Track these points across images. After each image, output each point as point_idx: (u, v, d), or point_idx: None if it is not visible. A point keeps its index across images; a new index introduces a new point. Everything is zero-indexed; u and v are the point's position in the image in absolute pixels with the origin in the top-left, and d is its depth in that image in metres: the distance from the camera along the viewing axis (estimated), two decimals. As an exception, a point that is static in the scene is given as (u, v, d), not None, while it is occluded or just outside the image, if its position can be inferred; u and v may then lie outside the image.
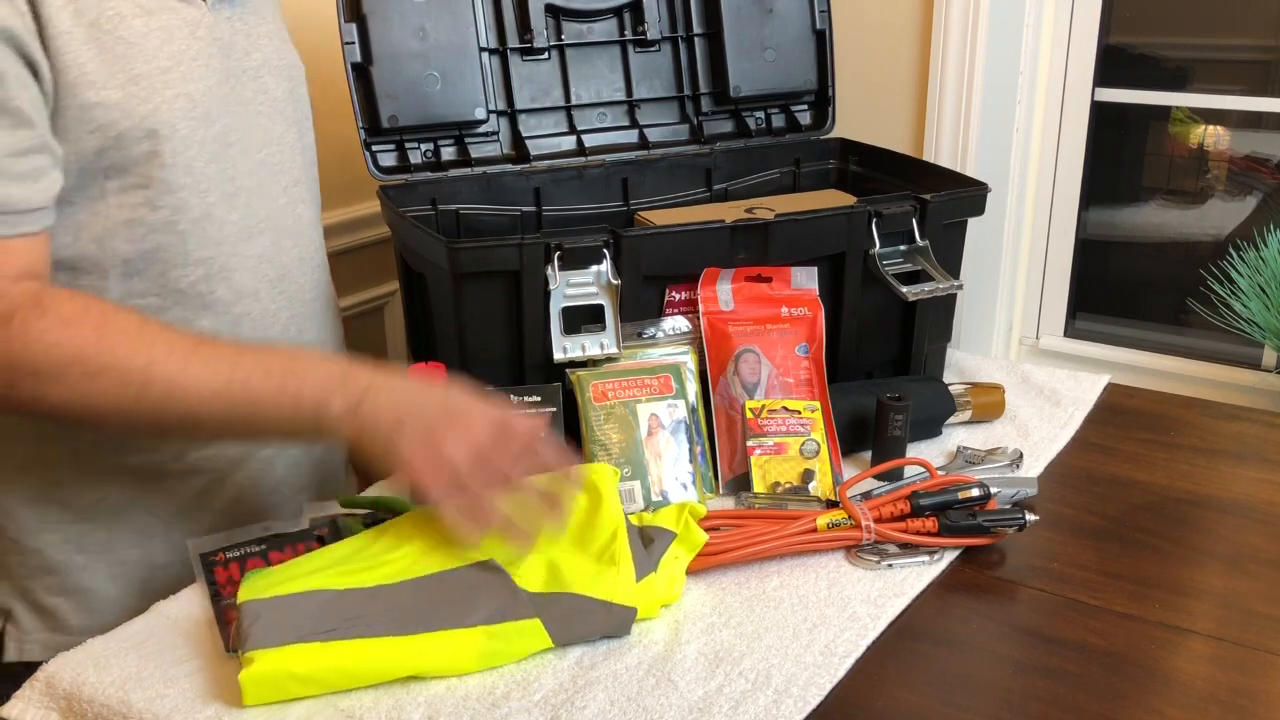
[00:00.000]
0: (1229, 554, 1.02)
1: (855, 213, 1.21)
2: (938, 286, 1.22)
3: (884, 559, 0.98)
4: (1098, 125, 1.63)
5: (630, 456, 1.08)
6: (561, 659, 0.87)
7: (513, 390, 1.12)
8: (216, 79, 1.00)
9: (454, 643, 0.83)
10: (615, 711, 0.80)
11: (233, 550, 0.98)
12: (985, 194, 1.30)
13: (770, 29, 1.49)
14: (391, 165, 1.35)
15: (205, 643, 0.89)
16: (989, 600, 0.95)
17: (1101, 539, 1.04)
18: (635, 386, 1.11)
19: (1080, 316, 1.74)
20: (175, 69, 0.96)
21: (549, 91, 1.43)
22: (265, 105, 1.07)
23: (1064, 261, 1.69)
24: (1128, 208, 1.70)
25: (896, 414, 1.14)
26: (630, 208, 1.45)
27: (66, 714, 0.84)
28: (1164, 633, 0.90)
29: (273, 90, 1.08)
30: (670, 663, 0.86)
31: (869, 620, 0.91)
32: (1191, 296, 1.63)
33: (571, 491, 0.91)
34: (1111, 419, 1.29)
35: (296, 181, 1.11)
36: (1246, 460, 1.20)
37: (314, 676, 0.81)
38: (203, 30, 0.99)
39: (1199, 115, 1.62)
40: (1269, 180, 1.59)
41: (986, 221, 1.40)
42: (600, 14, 1.44)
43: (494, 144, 1.40)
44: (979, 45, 1.56)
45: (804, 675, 0.84)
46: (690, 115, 1.50)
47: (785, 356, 1.17)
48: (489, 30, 1.38)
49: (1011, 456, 1.16)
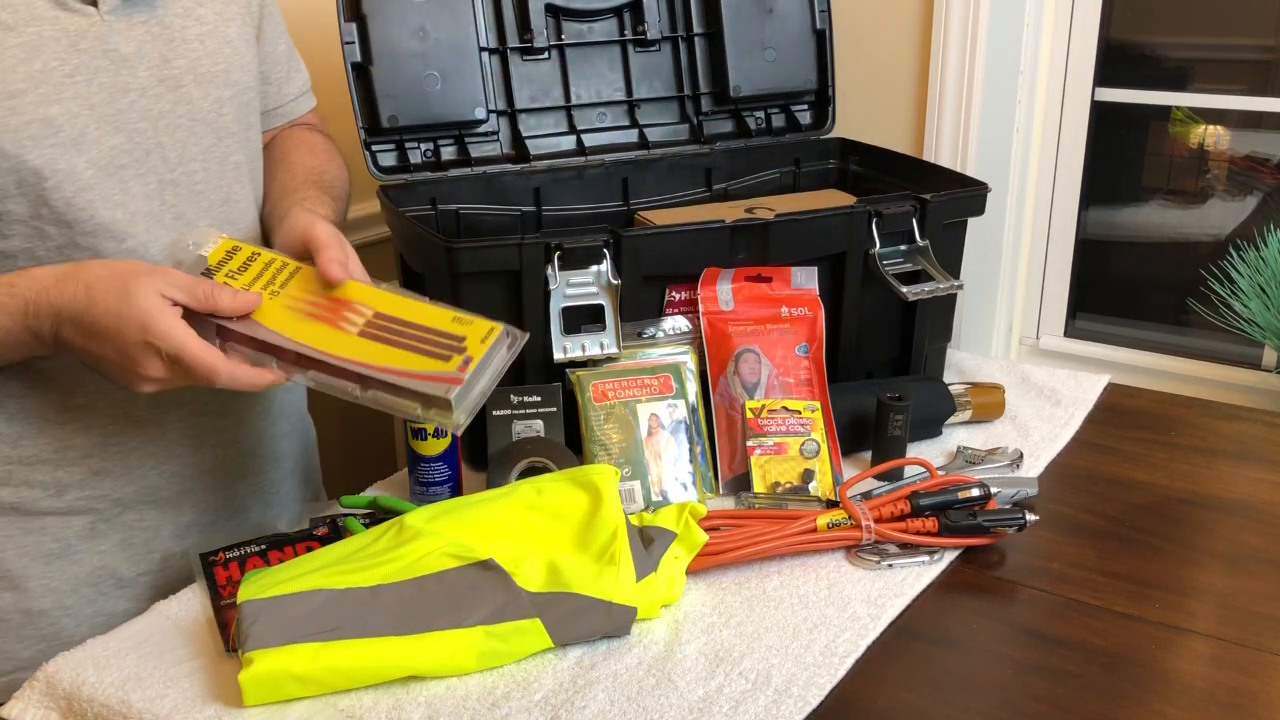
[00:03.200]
0: (1229, 554, 1.02)
1: (855, 213, 1.21)
2: (938, 286, 1.22)
3: (884, 559, 0.98)
4: (1098, 125, 1.63)
5: (630, 456, 1.08)
6: (561, 659, 0.86)
7: (513, 390, 1.12)
8: (101, 96, 0.91)
9: (454, 643, 0.83)
10: (615, 711, 0.80)
11: (233, 550, 0.98)
12: (985, 194, 1.30)
13: (770, 29, 1.49)
14: (391, 165, 1.34)
15: (205, 643, 0.89)
16: (989, 600, 0.95)
17: (1101, 539, 1.04)
18: (635, 386, 1.11)
19: (1080, 316, 1.73)
20: (32, 91, 0.87)
21: (549, 91, 1.43)
22: (185, 118, 0.98)
23: (1064, 261, 1.69)
24: (1128, 208, 1.70)
25: (896, 414, 1.14)
26: (630, 208, 1.45)
27: (66, 714, 0.84)
28: (1164, 633, 0.90)
29: (196, 100, 0.98)
30: (670, 663, 0.86)
31: (869, 620, 0.91)
32: (1191, 296, 1.63)
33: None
34: (1111, 419, 1.29)
35: (226, 200, 1.03)
36: (1246, 460, 1.20)
37: (314, 676, 0.81)
38: (88, 41, 0.90)
39: (1199, 115, 1.62)
40: (1269, 180, 1.58)
41: (986, 221, 1.40)
42: (600, 14, 1.44)
43: (494, 144, 1.40)
44: (979, 45, 1.56)
45: (804, 675, 0.84)
46: (690, 115, 1.50)
47: (785, 356, 1.17)
48: (489, 30, 1.38)
49: (1011, 456, 1.16)
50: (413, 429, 1.07)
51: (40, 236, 0.91)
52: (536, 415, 1.12)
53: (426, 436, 1.07)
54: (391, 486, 1.16)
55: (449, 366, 0.91)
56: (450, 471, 1.09)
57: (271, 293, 0.94)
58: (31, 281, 0.86)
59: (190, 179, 0.99)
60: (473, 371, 0.91)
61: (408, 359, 0.92)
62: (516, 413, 1.11)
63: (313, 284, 0.95)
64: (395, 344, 0.93)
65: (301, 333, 0.92)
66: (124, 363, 0.85)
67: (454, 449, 1.09)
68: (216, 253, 0.95)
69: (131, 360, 0.85)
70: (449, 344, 0.93)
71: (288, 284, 0.95)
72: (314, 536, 1.00)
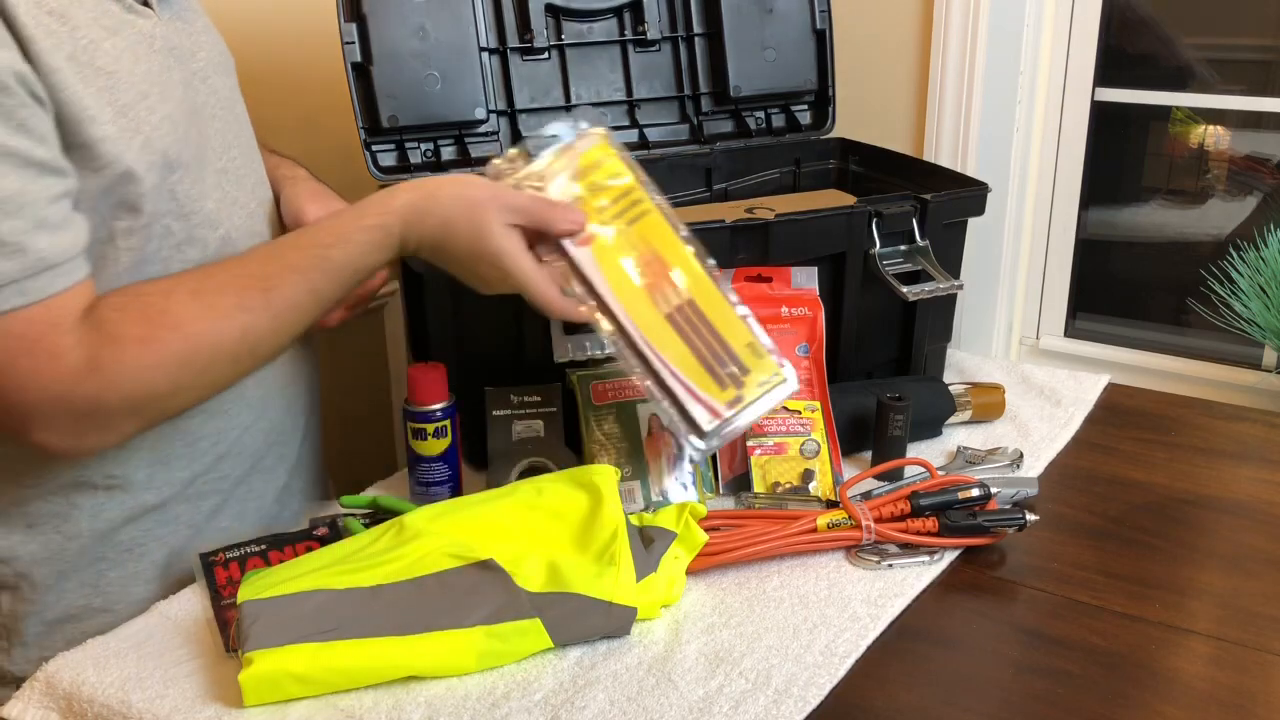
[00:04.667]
0: (1229, 554, 1.02)
1: (855, 213, 1.21)
2: (938, 286, 1.22)
3: (884, 559, 0.98)
4: (1098, 125, 1.63)
5: (630, 456, 1.08)
6: (561, 659, 0.86)
7: (513, 390, 1.12)
8: (181, 91, 0.94)
9: (454, 643, 0.83)
10: (615, 711, 0.80)
11: (233, 550, 0.98)
12: (985, 194, 1.30)
13: (770, 29, 1.49)
14: (391, 165, 1.34)
15: (205, 643, 0.89)
16: (989, 600, 0.95)
17: (1101, 539, 1.04)
18: (635, 387, 1.10)
19: (1080, 316, 1.74)
20: (153, 91, 0.90)
21: (549, 91, 1.43)
22: (218, 108, 1.01)
23: (1064, 261, 1.69)
24: (1128, 208, 1.70)
25: (896, 414, 1.14)
26: (630, 208, 1.45)
27: (66, 714, 0.84)
28: (1164, 633, 0.90)
29: (220, 90, 1.02)
30: (670, 663, 0.86)
31: (869, 620, 0.91)
32: (1191, 296, 1.63)
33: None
34: (1112, 419, 1.29)
35: (258, 182, 1.07)
36: (1246, 460, 1.20)
37: (314, 677, 0.81)
38: (159, 41, 0.93)
39: (1199, 115, 1.62)
40: (1269, 180, 1.58)
41: (986, 221, 1.40)
42: (600, 14, 1.44)
43: (494, 144, 1.40)
44: (979, 45, 1.56)
45: (804, 675, 0.84)
46: (690, 115, 1.50)
47: (785, 356, 1.17)
48: (489, 30, 1.38)
49: (1011, 456, 1.16)
50: (412, 429, 1.07)
51: (167, 235, 0.93)
52: (536, 415, 1.12)
53: (426, 436, 1.07)
54: (391, 486, 1.16)
55: (722, 396, 0.95)
56: (450, 471, 1.09)
57: (618, 227, 0.97)
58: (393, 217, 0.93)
59: (234, 165, 1.02)
60: (738, 411, 0.95)
61: (694, 369, 0.95)
62: (516, 413, 1.11)
63: (657, 232, 0.97)
64: (691, 346, 0.96)
65: (625, 293, 0.95)
66: (474, 280, 0.96)
67: (454, 449, 1.09)
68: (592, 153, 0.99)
69: (482, 280, 0.96)
70: (733, 372, 0.96)
71: (636, 222, 0.97)
72: (314, 536, 1.00)
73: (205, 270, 0.93)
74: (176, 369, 0.87)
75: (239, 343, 0.90)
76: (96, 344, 0.83)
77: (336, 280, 0.93)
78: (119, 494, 0.96)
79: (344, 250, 0.92)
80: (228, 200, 0.99)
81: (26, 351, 0.81)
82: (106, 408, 0.85)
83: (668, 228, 0.98)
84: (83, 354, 0.83)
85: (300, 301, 0.92)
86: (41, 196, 0.81)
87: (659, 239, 0.97)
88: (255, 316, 0.90)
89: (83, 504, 0.95)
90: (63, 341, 0.82)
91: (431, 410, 1.06)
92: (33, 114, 0.80)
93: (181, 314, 0.87)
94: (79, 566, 0.97)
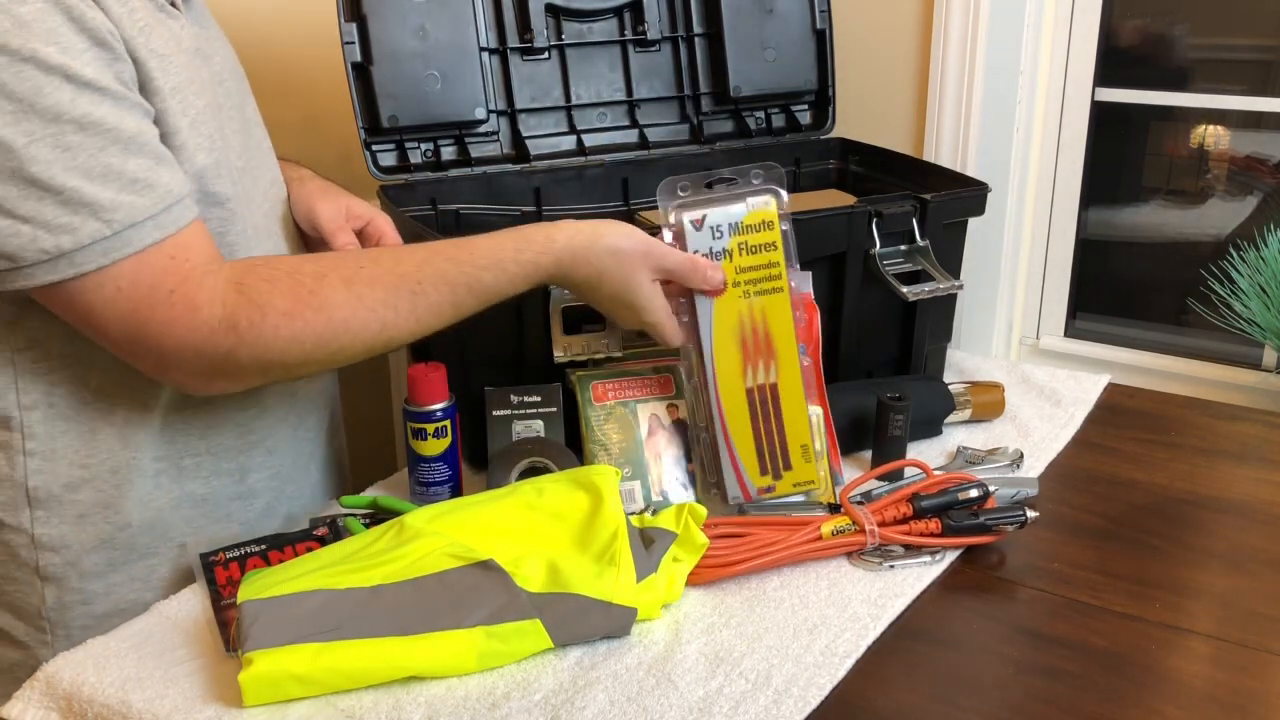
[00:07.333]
0: (1229, 554, 1.02)
1: (855, 213, 1.21)
2: (938, 286, 1.22)
3: (886, 560, 0.98)
4: (1098, 125, 1.63)
5: (630, 456, 1.08)
6: (561, 659, 0.87)
7: (513, 390, 1.12)
8: (208, 90, 0.97)
9: (454, 643, 0.83)
10: (615, 711, 0.80)
11: (233, 550, 0.98)
12: (985, 194, 1.30)
13: (770, 29, 1.49)
14: (391, 165, 1.34)
15: (205, 643, 0.89)
16: (989, 600, 0.95)
17: (1101, 539, 1.04)
18: (635, 386, 1.10)
19: (1080, 316, 1.73)
20: (190, 85, 0.93)
21: (549, 91, 1.43)
22: (233, 110, 1.02)
23: (1064, 261, 1.69)
24: (1128, 208, 1.70)
25: (896, 414, 1.14)
26: (630, 208, 1.45)
27: (66, 714, 0.84)
28: (1164, 633, 0.90)
29: (235, 92, 1.04)
30: (670, 663, 0.86)
31: (869, 620, 0.91)
32: (1191, 296, 1.63)
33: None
34: (1112, 419, 1.29)
35: (273, 183, 1.09)
36: (1246, 460, 1.20)
37: (314, 677, 0.81)
38: (186, 41, 0.96)
39: (1199, 115, 1.62)
40: (1269, 180, 1.58)
41: (986, 221, 1.40)
42: (600, 14, 1.44)
43: (494, 144, 1.40)
44: (979, 45, 1.56)
45: (804, 675, 0.84)
46: (690, 115, 1.50)
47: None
48: (489, 30, 1.38)
49: (1012, 456, 1.16)
50: (412, 429, 1.07)
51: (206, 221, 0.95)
52: (536, 415, 1.12)
53: (426, 437, 1.07)
54: (391, 486, 1.16)
55: (758, 481, 1.05)
56: (450, 472, 1.09)
57: (745, 293, 1.03)
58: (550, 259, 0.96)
59: (251, 166, 1.03)
60: (764, 500, 1.05)
61: (748, 446, 1.04)
62: (516, 413, 1.11)
63: (777, 312, 1.04)
64: (754, 425, 1.04)
65: (724, 354, 1.03)
66: (607, 312, 1.03)
67: (454, 449, 1.09)
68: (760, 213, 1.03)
69: (617, 316, 1.02)
70: (779, 464, 1.05)
71: (764, 295, 1.03)
72: (314, 536, 1.00)
73: (360, 259, 0.96)
74: (312, 347, 0.90)
75: (376, 335, 0.92)
76: (237, 306, 0.87)
77: (480, 300, 0.95)
78: (165, 481, 0.98)
79: (495, 276, 0.94)
80: (244, 198, 1.00)
81: (164, 302, 0.86)
82: (237, 364, 0.89)
83: (789, 313, 1.04)
84: (220, 312, 0.87)
85: (442, 311, 0.94)
86: (153, 136, 0.86)
87: (776, 320, 1.04)
88: (398, 316, 0.92)
89: (130, 492, 0.97)
90: (198, 295, 0.87)
91: (431, 410, 1.06)
92: (127, 68, 0.85)
93: (330, 298, 0.90)
94: (129, 559, 0.98)
